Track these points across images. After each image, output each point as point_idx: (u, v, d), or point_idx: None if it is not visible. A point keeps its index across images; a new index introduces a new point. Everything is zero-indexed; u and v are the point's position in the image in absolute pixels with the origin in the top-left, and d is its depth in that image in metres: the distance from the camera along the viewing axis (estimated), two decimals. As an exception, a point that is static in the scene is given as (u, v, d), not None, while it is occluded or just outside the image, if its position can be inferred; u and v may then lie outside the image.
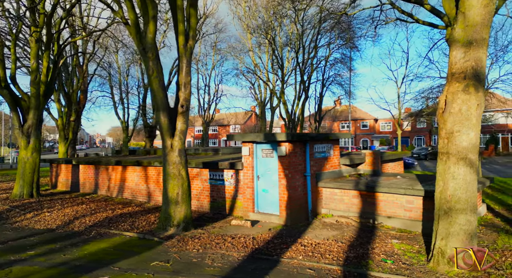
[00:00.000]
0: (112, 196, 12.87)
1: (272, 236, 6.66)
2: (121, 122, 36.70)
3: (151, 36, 6.80)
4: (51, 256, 5.58)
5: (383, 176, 9.56)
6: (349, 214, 8.04)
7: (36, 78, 12.70)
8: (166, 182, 7.24)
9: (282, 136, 7.61)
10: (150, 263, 5.16)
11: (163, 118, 7.13)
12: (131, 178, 12.40)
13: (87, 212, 9.30)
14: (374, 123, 61.26)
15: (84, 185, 14.51)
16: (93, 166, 14.08)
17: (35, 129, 12.89)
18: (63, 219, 8.48)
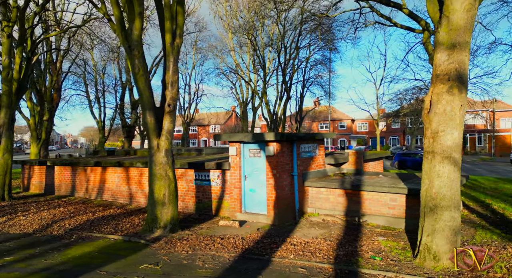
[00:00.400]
0: (91, 198, 12.42)
1: (261, 235, 6.67)
2: (97, 122, 35.56)
3: (137, 33, 6.62)
4: (31, 261, 5.30)
5: (366, 175, 9.81)
6: (335, 213, 8.19)
7: (8, 75, 12.04)
8: (153, 182, 7.07)
9: (271, 136, 7.63)
10: (139, 266, 5.02)
11: (149, 118, 6.96)
12: (111, 179, 12.02)
13: (65, 215, 8.92)
14: (351, 124, 62.84)
15: (60, 187, 13.91)
16: (70, 167, 13.53)
17: (6, 129, 12.22)
18: (40, 223, 8.09)
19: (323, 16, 19.25)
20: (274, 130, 30.70)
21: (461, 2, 4.58)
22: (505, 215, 8.01)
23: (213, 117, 64.35)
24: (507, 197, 10.46)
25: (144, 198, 10.95)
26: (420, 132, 50.10)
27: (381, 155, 14.24)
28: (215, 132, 68.61)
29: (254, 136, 8.01)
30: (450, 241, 4.60)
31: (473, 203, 9.50)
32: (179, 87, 7.13)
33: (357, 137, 59.53)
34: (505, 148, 41.40)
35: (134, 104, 33.45)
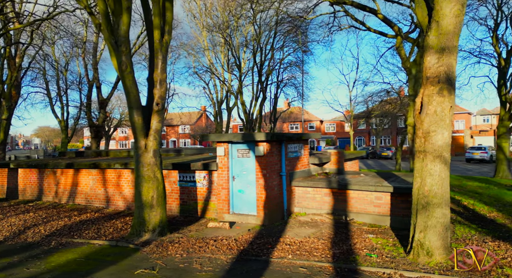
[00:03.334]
0: (61, 202, 11.68)
1: (253, 236, 6.63)
2: (59, 121, 33.58)
3: (125, 28, 6.31)
4: (12, 271, 4.86)
5: (349, 174, 10.10)
6: (322, 212, 8.34)
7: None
8: (140, 184, 6.78)
9: (262, 136, 7.62)
10: (134, 272, 4.78)
11: (136, 117, 6.67)
12: (85, 181, 11.38)
13: (38, 221, 8.30)
14: (320, 125, 64.60)
15: (25, 191, 12.94)
16: (37, 169, 12.63)
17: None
18: (11, 229, 7.46)
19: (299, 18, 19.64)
20: (249, 130, 30.74)
21: (451, 8, 4.84)
22: (475, 210, 8.60)
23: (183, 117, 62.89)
24: (473, 194, 11.23)
25: (122, 200, 10.48)
26: (385, 133, 52.64)
27: (357, 155, 14.76)
28: (184, 132, 66.99)
29: (244, 136, 7.96)
30: (442, 237, 4.85)
31: (445, 200, 10.10)
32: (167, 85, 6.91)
33: (325, 138, 61.25)
34: (459, 147, 44.98)
35: (102, 103, 31.97)
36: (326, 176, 9.76)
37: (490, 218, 7.70)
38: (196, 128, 63.98)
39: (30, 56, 26.86)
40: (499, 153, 18.17)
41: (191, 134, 65.33)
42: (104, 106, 31.89)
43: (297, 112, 59.64)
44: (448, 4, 4.81)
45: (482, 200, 10.09)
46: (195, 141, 65.93)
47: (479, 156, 32.53)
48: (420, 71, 13.75)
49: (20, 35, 22.27)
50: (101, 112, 32.33)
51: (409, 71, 13.82)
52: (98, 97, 32.07)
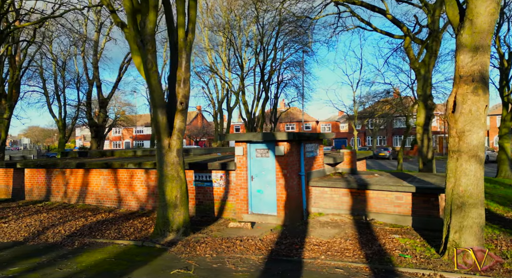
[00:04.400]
0: (71, 203, 11.54)
1: (278, 236, 6.60)
2: (56, 121, 33.27)
3: (151, 26, 6.25)
4: (44, 271, 4.78)
5: (362, 174, 10.12)
6: (341, 212, 8.34)
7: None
8: (164, 184, 6.71)
9: (283, 135, 7.60)
10: (170, 272, 4.73)
11: (161, 116, 6.60)
12: (96, 182, 11.25)
13: (54, 221, 8.18)
14: (315, 125, 64.84)
15: (32, 192, 12.75)
16: (45, 169, 12.46)
17: (-28, 127, 10.95)
18: (29, 230, 7.34)
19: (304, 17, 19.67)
20: (252, 130, 30.72)
21: (486, 6, 4.84)
22: (491, 210, 8.67)
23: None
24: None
25: (135, 201, 10.38)
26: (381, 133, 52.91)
27: (365, 155, 14.83)
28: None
29: (264, 136, 7.93)
30: (477, 238, 4.86)
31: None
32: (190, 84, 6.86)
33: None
34: None
35: (103, 102, 31.68)
36: (341, 176, 9.77)
37: (509, 218, 7.77)
38: (192, 129, 63.63)
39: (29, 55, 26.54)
40: (501, 153, 18.38)
41: (187, 134, 64.98)
42: (104, 105, 31.61)
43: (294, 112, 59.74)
44: (483, 2, 4.83)
45: (494, 200, 10.18)
46: (190, 141, 65.58)
47: None
48: (428, 72, 13.84)
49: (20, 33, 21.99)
50: (101, 112, 32.05)
51: (418, 72, 13.87)
52: (98, 96, 31.76)
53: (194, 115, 67.61)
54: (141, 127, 68.33)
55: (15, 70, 21.06)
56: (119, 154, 16.21)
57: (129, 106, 58.06)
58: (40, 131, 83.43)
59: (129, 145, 69.21)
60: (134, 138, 68.90)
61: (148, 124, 66.49)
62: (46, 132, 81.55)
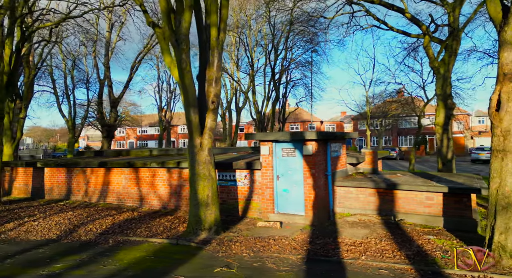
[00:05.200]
0: (92, 201, 11.62)
1: (309, 236, 6.58)
2: (66, 121, 33.51)
3: (186, 26, 6.27)
4: (88, 268, 4.81)
5: (385, 174, 10.06)
6: (367, 212, 8.29)
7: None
8: (196, 183, 6.73)
9: (312, 135, 7.57)
10: (213, 270, 4.74)
11: (193, 116, 6.63)
12: (117, 181, 11.32)
13: (82, 219, 8.24)
14: (320, 125, 64.74)
15: (52, 190, 12.86)
16: (65, 168, 12.57)
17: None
18: (60, 228, 7.40)
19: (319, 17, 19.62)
20: (261, 130, 30.73)
21: (531, 2, 4.78)
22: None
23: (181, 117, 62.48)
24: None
25: (157, 200, 10.43)
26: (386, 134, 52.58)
27: (382, 155, 14.75)
28: (184, 132, 66.47)
29: (292, 135, 7.91)
30: (524, 238, 4.79)
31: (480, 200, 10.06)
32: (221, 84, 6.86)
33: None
34: (459, 148, 45.28)
35: (114, 102, 31.89)
36: (365, 176, 9.72)
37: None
38: None
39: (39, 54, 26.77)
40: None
41: None
42: (115, 105, 31.82)
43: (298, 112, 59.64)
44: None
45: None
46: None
47: (485, 157, 32.67)
48: (448, 71, 13.72)
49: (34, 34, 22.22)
50: (113, 111, 32.25)
51: (437, 71, 13.76)
52: (109, 96, 31.96)
53: None
54: (145, 127, 68.42)
55: (31, 70, 21.32)
56: (135, 153, 16.30)
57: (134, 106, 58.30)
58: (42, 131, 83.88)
59: (133, 145, 69.47)
60: (138, 138, 69.12)
61: (152, 124, 66.71)
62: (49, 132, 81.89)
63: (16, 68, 11.90)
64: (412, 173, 10.41)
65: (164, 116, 43.67)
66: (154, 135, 66.91)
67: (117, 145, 71.88)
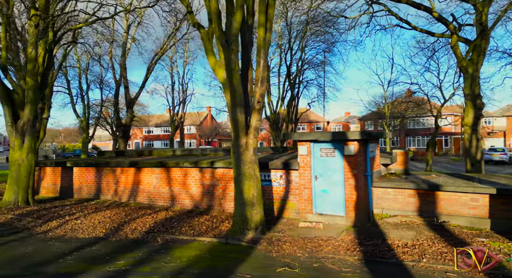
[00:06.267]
0: (122, 201, 11.74)
1: (356, 237, 6.53)
2: (80, 121, 33.91)
3: (237, 26, 6.29)
4: (151, 265, 4.87)
5: (420, 175, 9.94)
6: (407, 213, 8.20)
7: (35, 69, 11.11)
8: (241, 182, 6.74)
9: (355, 135, 7.53)
10: (275, 270, 4.74)
11: (240, 116, 6.64)
12: (148, 180, 11.42)
13: (121, 218, 8.32)
14: (326, 126, 64.48)
15: (80, 190, 13.04)
16: (94, 168, 12.73)
17: (31, 126, 11.30)
18: (105, 226, 7.49)
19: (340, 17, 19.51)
20: (275, 131, 30.71)
21: None
22: None
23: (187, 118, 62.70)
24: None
25: (189, 199, 10.48)
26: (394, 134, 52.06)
27: (408, 156, 14.59)
28: (189, 133, 66.66)
29: (333, 135, 7.88)
30: None
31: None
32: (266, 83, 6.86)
33: None
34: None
35: (130, 102, 32.19)
36: (399, 177, 9.63)
37: None
38: (205, 129, 63.76)
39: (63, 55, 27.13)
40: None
41: (200, 134, 65.21)
42: (131, 105, 32.11)
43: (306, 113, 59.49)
44: None
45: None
46: (200, 141, 65.88)
47: (498, 158, 32.28)
48: (476, 71, 13.53)
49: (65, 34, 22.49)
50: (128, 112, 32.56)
51: (465, 71, 13.57)
52: (125, 97, 32.27)
53: (204, 116, 67.69)
54: (151, 128, 68.74)
55: (56, 71, 21.66)
56: (157, 153, 16.43)
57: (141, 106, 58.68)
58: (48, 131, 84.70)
59: (139, 145, 69.91)
60: (144, 138, 69.57)
61: (159, 124, 67.06)
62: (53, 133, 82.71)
63: (48, 69, 12.10)
64: (447, 174, 10.27)
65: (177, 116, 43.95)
66: (160, 135, 67.31)
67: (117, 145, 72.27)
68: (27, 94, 11.07)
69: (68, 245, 6.12)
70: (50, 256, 5.33)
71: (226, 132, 66.20)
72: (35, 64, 11.15)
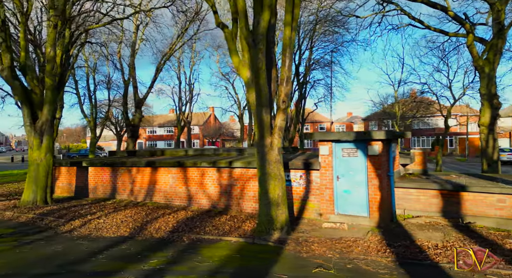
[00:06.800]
0: (138, 200, 11.76)
1: (383, 238, 6.47)
2: (88, 121, 34.05)
3: (264, 25, 6.27)
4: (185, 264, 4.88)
5: (440, 175, 9.84)
6: (430, 214, 8.12)
7: (53, 69, 11.18)
8: (266, 182, 6.72)
9: (381, 134, 7.47)
10: (310, 270, 4.70)
11: (265, 115, 6.62)
12: (164, 180, 11.43)
13: (143, 217, 8.32)
14: (330, 126, 64.26)
15: (96, 189, 13.08)
16: (110, 168, 12.76)
17: (49, 126, 11.36)
18: (128, 226, 7.50)
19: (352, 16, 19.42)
20: (285, 131, 30.67)
21: None
22: None
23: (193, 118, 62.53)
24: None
25: (206, 199, 10.47)
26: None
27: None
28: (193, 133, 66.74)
29: (357, 134, 7.82)
30: None
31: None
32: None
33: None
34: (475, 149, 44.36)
35: (139, 102, 32.31)
36: (419, 177, 9.54)
37: None
38: (209, 129, 63.80)
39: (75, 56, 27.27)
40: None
41: (204, 134, 65.24)
42: (140, 106, 32.23)
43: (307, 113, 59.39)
44: None
45: None
46: (204, 141, 65.95)
47: (506, 158, 32.15)
48: (493, 70, 13.38)
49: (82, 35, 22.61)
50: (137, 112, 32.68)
51: (482, 70, 13.42)
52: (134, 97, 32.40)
53: (207, 116, 67.74)
54: (154, 128, 68.90)
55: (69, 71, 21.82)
56: (169, 153, 16.47)
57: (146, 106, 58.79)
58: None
59: (142, 145, 70.02)
60: (147, 138, 69.75)
61: (162, 125, 67.12)
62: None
63: (65, 69, 12.18)
64: (467, 175, 10.16)
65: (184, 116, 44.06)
66: (163, 135, 67.46)
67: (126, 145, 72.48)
68: (46, 94, 11.15)
69: (96, 244, 6.14)
70: (81, 255, 5.34)
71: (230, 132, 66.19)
72: (54, 64, 11.22)
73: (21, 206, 10.61)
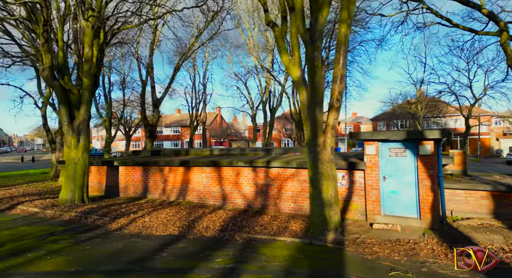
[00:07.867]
0: (170, 200, 11.77)
1: (441, 241, 6.28)
2: (103, 121, 34.34)
3: (323, 22, 6.18)
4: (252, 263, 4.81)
5: (482, 176, 9.59)
6: (480, 216, 7.89)
7: (91, 69, 11.27)
8: (319, 182, 6.61)
9: (434, 133, 7.29)
10: (385, 273, 4.58)
11: (318, 114, 6.52)
12: (197, 179, 11.41)
13: (186, 216, 8.29)
14: (337, 126, 63.73)
15: (127, 189, 13.13)
16: (141, 167, 12.81)
17: (86, 126, 11.46)
18: (176, 224, 7.48)
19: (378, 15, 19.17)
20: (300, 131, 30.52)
21: None
22: None
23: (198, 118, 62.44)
24: None
25: (241, 198, 10.41)
26: None
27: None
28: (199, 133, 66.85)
29: (407, 134, 7.64)
30: None
31: None
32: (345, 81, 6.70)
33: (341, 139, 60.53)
34: (485, 149, 43.36)
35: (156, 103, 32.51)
36: (462, 177, 9.31)
37: None
38: (216, 129, 63.81)
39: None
40: None
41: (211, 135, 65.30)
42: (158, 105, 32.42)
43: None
44: None
45: None
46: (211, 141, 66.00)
47: None
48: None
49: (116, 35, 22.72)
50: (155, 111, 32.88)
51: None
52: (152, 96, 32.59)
53: (214, 116, 67.71)
54: (160, 128, 69.16)
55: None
56: (194, 152, 16.48)
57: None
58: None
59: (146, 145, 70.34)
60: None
61: (168, 125, 67.29)
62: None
63: (100, 69, 12.27)
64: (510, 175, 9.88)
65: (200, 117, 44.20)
66: (170, 136, 67.68)
67: (132, 145, 72.81)
68: (83, 94, 11.25)
69: (151, 242, 6.12)
70: (143, 253, 5.32)
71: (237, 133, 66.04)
72: (91, 64, 11.31)
73: (60, 205, 10.72)
